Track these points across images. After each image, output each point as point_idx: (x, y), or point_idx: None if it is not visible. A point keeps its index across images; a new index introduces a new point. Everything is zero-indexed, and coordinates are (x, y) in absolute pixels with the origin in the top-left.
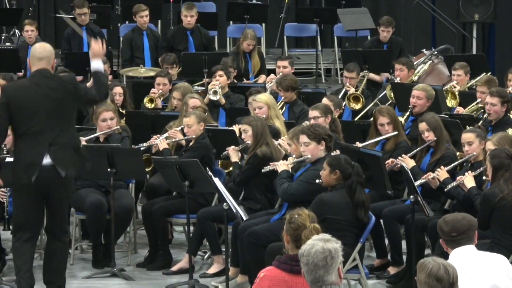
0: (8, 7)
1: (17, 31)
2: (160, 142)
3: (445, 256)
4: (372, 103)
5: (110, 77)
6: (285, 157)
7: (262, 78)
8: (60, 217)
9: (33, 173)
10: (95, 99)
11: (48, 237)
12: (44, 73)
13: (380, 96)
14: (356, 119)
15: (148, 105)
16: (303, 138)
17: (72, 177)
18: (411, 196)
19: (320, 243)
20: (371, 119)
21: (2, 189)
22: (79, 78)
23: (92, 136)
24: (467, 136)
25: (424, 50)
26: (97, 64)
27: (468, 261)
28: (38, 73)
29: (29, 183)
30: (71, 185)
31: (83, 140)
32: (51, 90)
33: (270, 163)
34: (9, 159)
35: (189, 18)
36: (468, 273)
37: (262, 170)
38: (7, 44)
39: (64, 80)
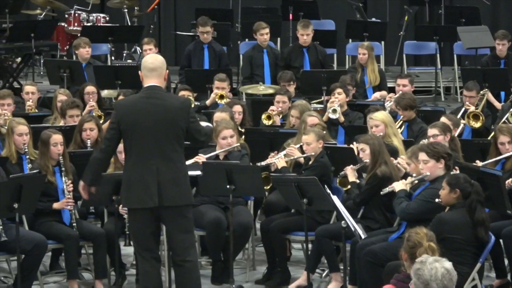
0: (129, 24)
1: (138, 48)
2: (278, 160)
3: None
4: (498, 124)
5: (230, 94)
6: (405, 176)
7: (381, 94)
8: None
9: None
10: (199, 135)
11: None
12: (157, 90)
13: (504, 119)
14: (489, 137)
15: (266, 122)
16: (422, 156)
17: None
18: None
19: (438, 264)
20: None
21: None
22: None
23: (212, 154)
24: None
25: None
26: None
27: None
28: (150, 90)
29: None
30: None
31: (203, 158)
32: (162, 108)
33: (389, 186)
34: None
35: (305, 36)
36: None
37: (381, 192)
38: (128, 61)
39: (178, 101)
